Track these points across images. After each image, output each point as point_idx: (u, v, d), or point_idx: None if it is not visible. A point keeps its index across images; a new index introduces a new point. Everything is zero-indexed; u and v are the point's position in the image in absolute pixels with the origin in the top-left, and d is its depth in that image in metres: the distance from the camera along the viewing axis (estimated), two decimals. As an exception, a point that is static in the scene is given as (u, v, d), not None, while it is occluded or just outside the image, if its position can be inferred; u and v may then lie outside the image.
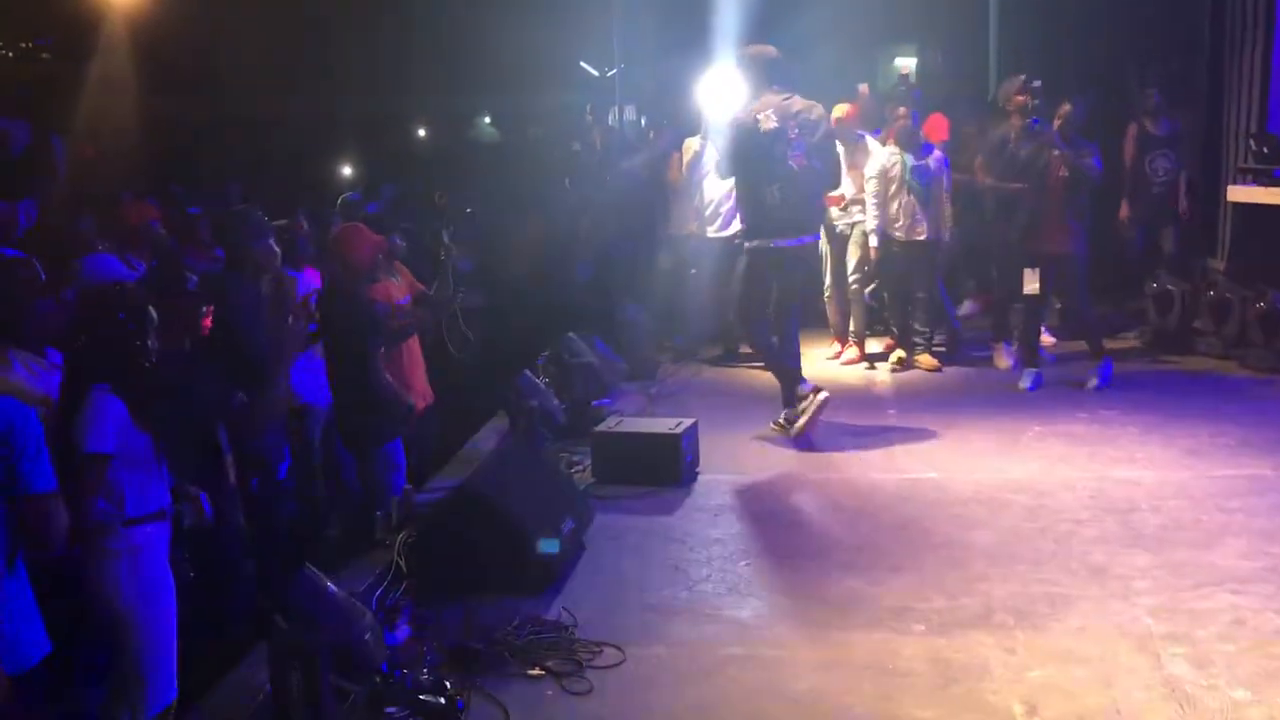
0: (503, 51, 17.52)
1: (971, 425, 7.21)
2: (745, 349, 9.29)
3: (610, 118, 12.46)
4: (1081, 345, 8.39)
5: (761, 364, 9.13)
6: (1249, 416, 7.04)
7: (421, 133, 18.58)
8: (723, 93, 9.21)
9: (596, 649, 4.33)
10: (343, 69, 15.35)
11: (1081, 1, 13.96)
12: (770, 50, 7.05)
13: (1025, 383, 7.96)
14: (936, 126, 9.08)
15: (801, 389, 6.92)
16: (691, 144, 9.24)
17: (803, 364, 7.44)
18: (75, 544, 3.51)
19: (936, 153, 8.70)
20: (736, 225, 9.07)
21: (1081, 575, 4.86)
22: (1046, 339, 8.84)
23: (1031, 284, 7.86)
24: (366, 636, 3.65)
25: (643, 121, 12.97)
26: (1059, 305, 9.04)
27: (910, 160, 8.56)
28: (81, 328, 3.76)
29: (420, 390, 6.17)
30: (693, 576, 5.08)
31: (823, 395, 6.83)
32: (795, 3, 14.01)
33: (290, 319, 5.01)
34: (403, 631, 4.45)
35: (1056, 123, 7.88)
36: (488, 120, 25.26)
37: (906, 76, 9.61)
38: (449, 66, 18.62)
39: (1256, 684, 3.90)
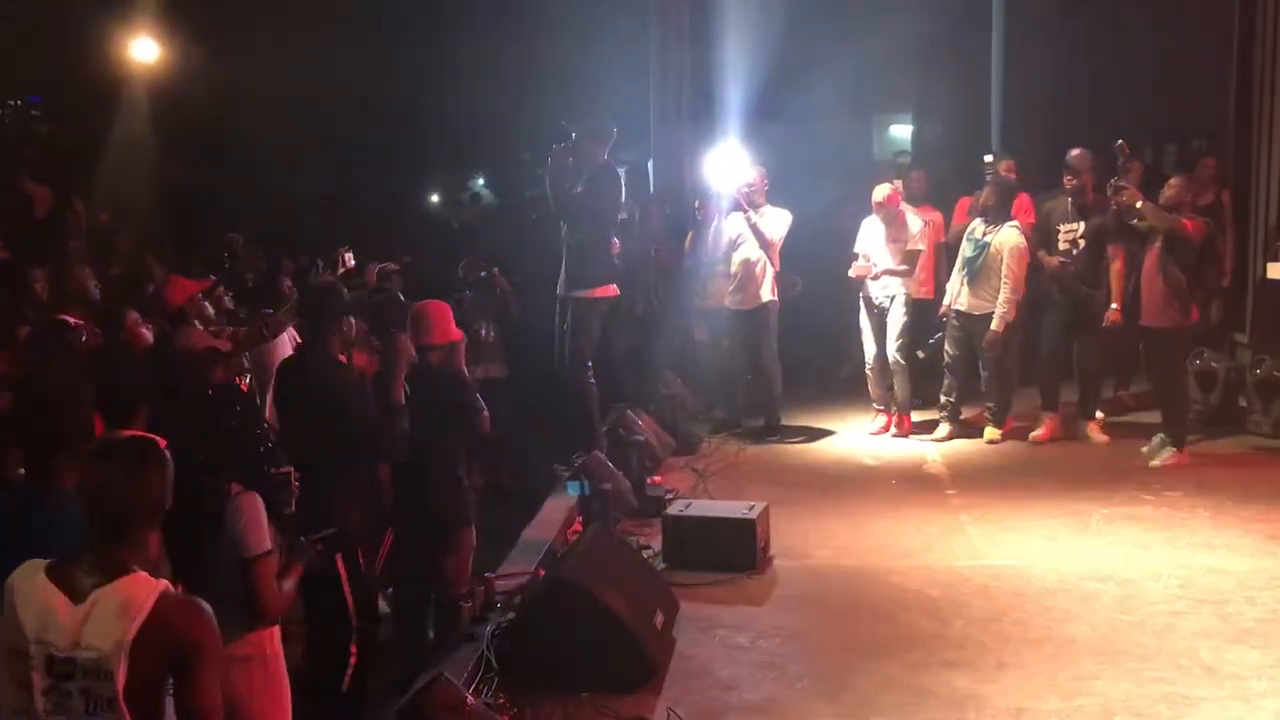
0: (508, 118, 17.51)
1: (1035, 506, 7.09)
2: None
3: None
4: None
5: (804, 439, 9.10)
6: (1315, 500, 6.97)
7: (435, 198, 18.46)
8: (731, 167, 9.29)
9: (713, 756, 4.16)
10: (358, 140, 15.25)
11: (1093, 78, 14.15)
12: None
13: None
14: (1023, 206, 8.95)
15: None
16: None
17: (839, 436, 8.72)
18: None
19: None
20: (766, 295, 9.09)
21: (1194, 673, 4.73)
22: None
23: None
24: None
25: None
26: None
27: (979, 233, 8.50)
28: (208, 426, 3.68)
29: None
30: (789, 674, 4.91)
31: None
32: (797, 75, 14.13)
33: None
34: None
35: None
36: (481, 183, 25.16)
37: (990, 163, 9.63)
38: (453, 136, 18.53)
39: None
